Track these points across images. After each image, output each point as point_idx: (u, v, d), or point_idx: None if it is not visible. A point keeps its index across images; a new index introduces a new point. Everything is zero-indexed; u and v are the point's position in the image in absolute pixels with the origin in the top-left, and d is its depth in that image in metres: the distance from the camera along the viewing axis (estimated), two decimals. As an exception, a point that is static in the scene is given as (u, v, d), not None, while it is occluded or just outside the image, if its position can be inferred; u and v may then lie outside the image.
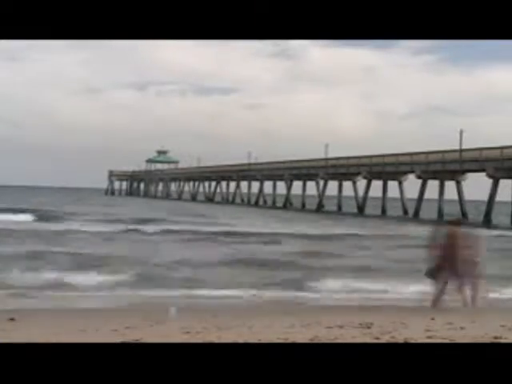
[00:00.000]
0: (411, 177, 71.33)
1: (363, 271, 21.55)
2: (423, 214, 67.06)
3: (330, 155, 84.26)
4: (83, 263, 21.30)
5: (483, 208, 60.88)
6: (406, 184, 74.59)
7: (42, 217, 49.88)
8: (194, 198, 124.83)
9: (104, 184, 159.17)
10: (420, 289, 15.56)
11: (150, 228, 40.83)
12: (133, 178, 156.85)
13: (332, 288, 17.43)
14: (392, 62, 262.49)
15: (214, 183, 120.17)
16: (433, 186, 69.25)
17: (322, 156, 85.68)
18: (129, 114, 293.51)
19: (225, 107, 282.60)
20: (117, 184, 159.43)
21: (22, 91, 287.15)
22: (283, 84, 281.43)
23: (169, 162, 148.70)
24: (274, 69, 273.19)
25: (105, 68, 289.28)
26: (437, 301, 14.03)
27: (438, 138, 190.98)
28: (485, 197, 59.77)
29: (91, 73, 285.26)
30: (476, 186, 69.87)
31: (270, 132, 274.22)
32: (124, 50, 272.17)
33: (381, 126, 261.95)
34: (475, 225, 53.88)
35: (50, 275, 17.70)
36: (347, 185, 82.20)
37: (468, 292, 14.00)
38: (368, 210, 76.81)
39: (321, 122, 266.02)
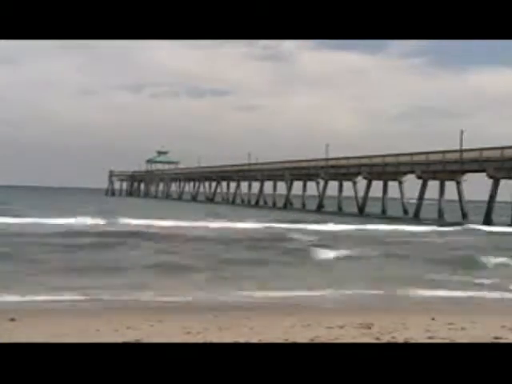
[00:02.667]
0: (411, 177, 71.30)
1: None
2: (423, 214, 67.06)
3: (325, 156, 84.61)
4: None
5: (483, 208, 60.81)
6: (406, 184, 74.56)
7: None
8: (194, 199, 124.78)
9: (104, 184, 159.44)
10: None
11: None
12: (133, 178, 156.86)
13: None
14: (381, 64, 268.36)
15: (214, 183, 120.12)
16: (433, 186, 69.28)
17: (318, 156, 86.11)
18: (125, 116, 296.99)
19: (219, 108, 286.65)
20: (117, 184, 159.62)
21: (20, 93, 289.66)
22: (275, 86, 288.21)
23: (169, 163, 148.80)
24: (265, 72, 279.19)
25: (100, 71, 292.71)
26: None
27: (428, 138, 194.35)
28: (485, 197, 59.76)
29: (87, 75, 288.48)
30: (476, 186, 69.63)
31: (264, 133, 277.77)
32: (117, 54, 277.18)
33: (373, 127, 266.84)
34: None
35: None
36: (347, 185, 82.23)
37: None
38: (368, 211, 76.78)
39: (315, 123, 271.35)
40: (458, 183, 68.29)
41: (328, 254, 26.44)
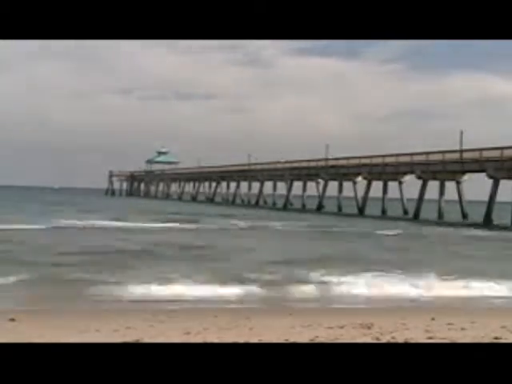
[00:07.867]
0: (411, 177, 71.21)
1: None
2: (423, 215, 67.01)
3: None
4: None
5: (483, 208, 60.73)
6: (406, 184, 74.48)
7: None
8: (194, 199, 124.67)
9: (104, 185, 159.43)
10: None
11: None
12: (133, 178, 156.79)
13: None
14: (362, 69, 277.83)
15: (214, 184, 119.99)
16: (433, 186, 69.24)
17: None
18: (121, 117, 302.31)
19: (209, 111, 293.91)
20: (117, 184, 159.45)
21: (17, 95, 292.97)
22: (259, 90, 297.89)
23: (169, 163, 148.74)
24: (247, 76, 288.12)
25: (91, 75, 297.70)
26: None
27: (416, 139, 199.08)
28: (485, 197, 59.72)
29: (80, 78, 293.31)
30: (476, 186, 69.70)
31: (255, 134, 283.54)
32: (108, 58, 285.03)
33: (360, 130, 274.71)
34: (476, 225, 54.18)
35: None
36: (348, 185, 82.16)
37: None
38: (368, 211, 76.73)
39: (302, 125, 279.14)
40: (458, 183, 68.27)
41: None
